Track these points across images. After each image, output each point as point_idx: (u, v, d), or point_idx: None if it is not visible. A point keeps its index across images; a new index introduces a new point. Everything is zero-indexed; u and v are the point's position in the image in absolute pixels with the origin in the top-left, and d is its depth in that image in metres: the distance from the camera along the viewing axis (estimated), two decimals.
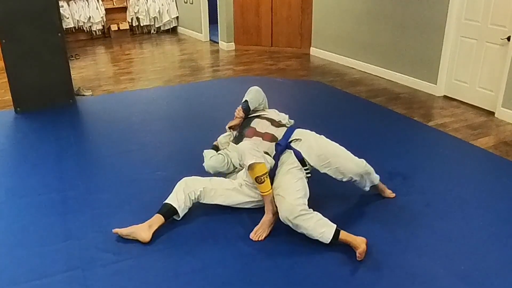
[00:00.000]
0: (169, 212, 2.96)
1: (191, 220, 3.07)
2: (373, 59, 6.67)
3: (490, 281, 2.50)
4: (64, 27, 8.44)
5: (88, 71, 7.08)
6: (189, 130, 4.67)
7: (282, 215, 2.77)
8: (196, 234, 2.93)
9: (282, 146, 3.04)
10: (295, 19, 8.05)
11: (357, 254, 2.65)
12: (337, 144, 3.07)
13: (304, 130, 3.15)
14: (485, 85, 5.12)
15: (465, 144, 4.28)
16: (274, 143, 3.06)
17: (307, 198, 2.86)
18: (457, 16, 5.30)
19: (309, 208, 2.78)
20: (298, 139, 3.05)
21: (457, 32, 5.35)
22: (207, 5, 9.14)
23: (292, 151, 3.02)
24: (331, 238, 2.70)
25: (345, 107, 5.33)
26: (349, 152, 3.04)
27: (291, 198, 2.77)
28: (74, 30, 9.44)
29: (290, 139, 3.06)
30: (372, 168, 3.10)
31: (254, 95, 3.41)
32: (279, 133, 3.12)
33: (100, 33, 9.75)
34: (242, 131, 3.24)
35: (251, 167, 2.81)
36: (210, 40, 9.41)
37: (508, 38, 4.72)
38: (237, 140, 3.20)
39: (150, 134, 4.54)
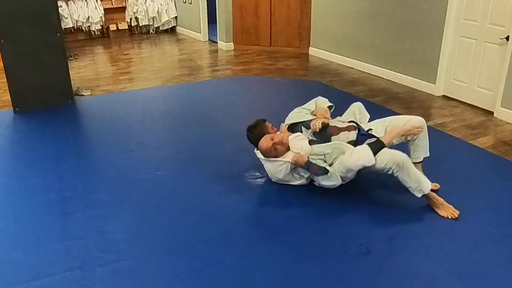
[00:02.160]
0: None
1: (190, 220, 3.08)
2: (372, 58, 6.67)
3: (489, 280, 2.51)
4: (63, 27, 8.45)
5: (87, 71, 7.08)
6: (188, 130, 4.67)
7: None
8: (194, 234, 2.92)
9: (366, 136, 3.32)
10: (294, 19, 8.05)
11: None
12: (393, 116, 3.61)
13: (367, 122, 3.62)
14: (484, 84, 5.12)
15: (464, 144, 4.28)
16: (356, 131, 3.35)
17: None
18: (456, 16, 5.30)
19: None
20: (370, 128, 3.45)
21: (456, 32, 5.36)
22: (206, 5, 9.15)
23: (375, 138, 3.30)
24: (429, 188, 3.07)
25: (344, 107, 5.30)
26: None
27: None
28: (73, 30, 9.44)
29: (366, 129, 3.42)
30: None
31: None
32: (351, 123, 3.46)
33: (99, 33, 9.74)
34: (323, 132, 3.34)
35: None
36: (209, 40, 9.41)
37: (507, 38, 4.73)
38: (324, 140, 3.31)
39: (149, 134, 4.54)
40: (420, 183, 3.03)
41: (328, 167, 3.13)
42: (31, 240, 2.87)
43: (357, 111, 3.66)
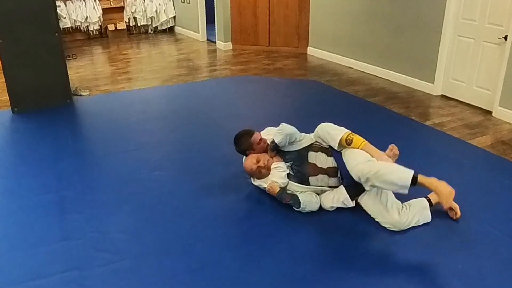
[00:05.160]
0: None
1: (188, 219, 3.07)
2: (370, 58, 6.67)
3: (488, 280, 2.51)
4: (61, 27, 8.44)
5: (85, 71, 7.07)
6: (187, 130, 4.67)
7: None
8: (193, 234, 2.92)
9: (350, 178, 3.01)
10: (292, 19, 8.05)
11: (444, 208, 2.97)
12: (354, 152, 3.07)
13: (346, 154, 3.10)
14: (483, 84, 5.13)
15: (462, 143, 4.28)
16: (338, 177, 3.13)
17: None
18: (454, 16, 5.31)
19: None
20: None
21: (454, 32, 5.36)
22: (204, 4, 9.15)
23: None
24: (430, 216, 2.97)
25: (342, 107, 5.34)
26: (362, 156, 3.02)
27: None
28: (71, 30, 9.44)
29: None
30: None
31: (283, 137, 3.22)
32: (333, 163, 3.14)
33: (97, 33, 9.74)
34: (299, 168, 3.16)
35: (341, 139, 3.06)
36: (207, 39, 9.41)
37: (505, 37, 4.73)
38: (299, 177, 3.14)
39: (147, 134, 4.54)
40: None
41: (300, 196, 3.06)
42: (30, 240, 2.87)
43: (321, 140, 3.23)
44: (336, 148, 3.12)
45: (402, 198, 3.03)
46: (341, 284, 2.49)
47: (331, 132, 3.14)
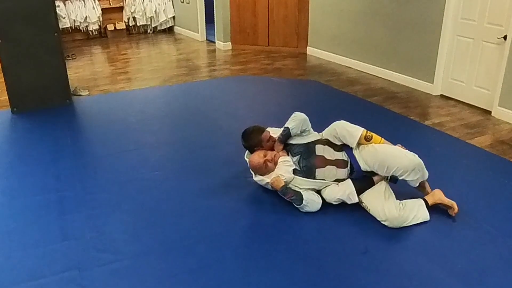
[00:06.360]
0: None
1: (188, 219, 3.07)
2: (370, 58, 6.68)
3: (487, 280, 2.51)
4: (61, 27, 8.43)
5: (85, 71, 7.07)
6: (186, 130, 4.67)
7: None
8: (193, 234, 2.92)
9: (359, 172, 3.12)
10: (291, 19, 8.05)
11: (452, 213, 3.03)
12: (387, 146, 3.16)
13: (360, 150, 3.17)
14: (482, 84, 5.13)
15: (461, 143, 4.29)
16: (347, 169, 3.14)
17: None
18: (454, 15, 5.31)
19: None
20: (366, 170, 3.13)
21: (453, 31, 5.36)
22: (203, 4, 9.14)
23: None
24: (428, 214, 2.99)
25: (342, 107, 5.34)
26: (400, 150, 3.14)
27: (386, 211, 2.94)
28: (70, 30, 9.43)
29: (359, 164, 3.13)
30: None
31: (297, 123, 3.26)
32: (343, 156, 3.16)
33: (96, 33, 9.73)
34: (307, 160, 3.15)
35: (361, 136, 3.11)
36: (206, 39, 9.40)
37: (505, 37, 4.73)
38: (306, 171, 3.13)
39: (147, 134, 4.53)
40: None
41: (303, 193, 3.06)
42: (30, 240, 2.87)
43: (337, 138, 3.21)
44: (354, 145, 3.13)
45: (400, 198, 3.05)
46: (341, 284, 2.49)
47: (349, 129, 3.16)
